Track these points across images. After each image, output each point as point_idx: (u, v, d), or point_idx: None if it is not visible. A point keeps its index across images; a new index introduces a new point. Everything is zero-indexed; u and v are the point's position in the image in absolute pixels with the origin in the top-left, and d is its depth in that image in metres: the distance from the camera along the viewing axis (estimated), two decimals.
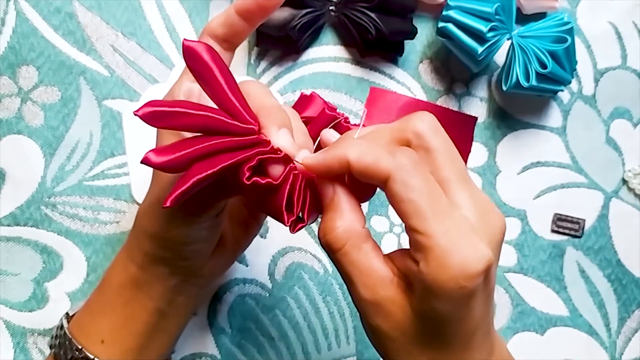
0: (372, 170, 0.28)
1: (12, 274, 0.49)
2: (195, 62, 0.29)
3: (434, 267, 0.27)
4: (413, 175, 0.28)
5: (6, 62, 0.49)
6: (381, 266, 0.30)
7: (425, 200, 0.27)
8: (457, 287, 0.27)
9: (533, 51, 0.47)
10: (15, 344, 0.49)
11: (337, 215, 0.30)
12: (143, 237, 0.36)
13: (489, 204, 0.30)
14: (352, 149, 0.29)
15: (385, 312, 0.29)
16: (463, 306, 0.28)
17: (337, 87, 0.51)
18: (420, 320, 0.29)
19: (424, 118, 0.30)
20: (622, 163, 0.52)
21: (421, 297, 0.28)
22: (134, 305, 0.38)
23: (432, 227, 0.27)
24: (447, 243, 0.27)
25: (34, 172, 0.49)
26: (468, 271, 0.27)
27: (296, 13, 0.47)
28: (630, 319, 0.52)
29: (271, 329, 0.50)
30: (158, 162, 0.27)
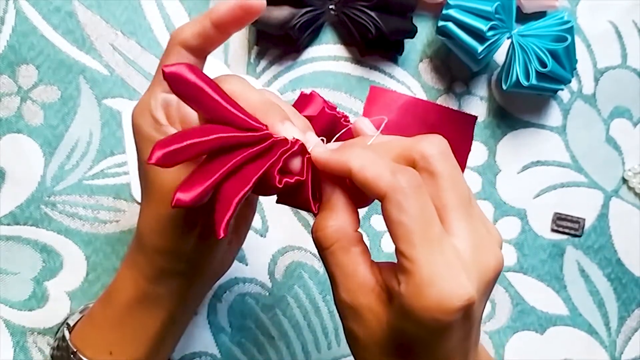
0: (370, 185, 0.28)
1: (12, 273, 0.49)
2: (183, 86, 0.28)
3: (412, 294, 0.27)
4: (409, 199, 0.27)
5: (6, 61, 0.49)
6: (365, 273, 0.30)
7: (417, 226, 0.27)
8: (430, 319, 0.27)
9: (533, 50, 0.47)
10: (15, 343, 0.49)
11: (331, 214, 0.30)
12: (154, 253, 0.35)
13: (489, 240, 0.29)
14: (356, 159, 0.29)
15: (361, 318, 0.29)
16: (435, 336, 0.28)
17: (337, 86, 0.51)
18: (393, 336, 0.29)
19: (434, 141, 0.30)
20: (622, 162, 0.52)
21: (397, 315, 0.28)
22: (146, 317, 0.37)
23: (417, 255, 0.27)
24: (430, 273, 0.26)
25: (33, 171, 0.49)
26: (444, 305, 0.26)
27: (296, 12, 0.47)
28: (630, 318, 0.52)
29: (271, 328, 0.50)
30: (189, 199, 0.27)
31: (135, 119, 0.33)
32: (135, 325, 0.37)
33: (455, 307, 0.26)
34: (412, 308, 0.27)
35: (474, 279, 0.28)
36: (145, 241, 0.35)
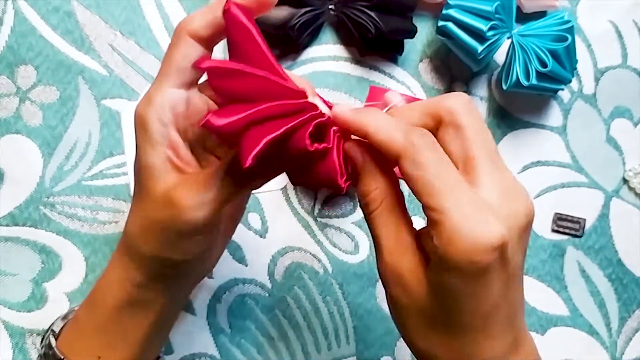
0: (385, 147, 0.29)
1: (11, 274, 0.49)
2: (237, 29, 0.28)
3: (445, 242, 0.27)
4: (422, 153, 0.28)
5: (4, 62, 0.49)
6: (409, 234, 0.31)
7: (434, 176, 0.28)
8: (467, 261, 0.27)
9: (533, 50, 0.47)
10: (14, 345, 0.49)
11: (373, 177, 0.31)
12: (141, 259, 0.35)
13: (517, 189, 0.30)
14: (371, 122, 0.30)
15: (404, 282, 0.30)
16: (475, 282, 0.28)
17: (336, 86, 0.51)
18: (435, 295, 0.29)
19: (459, 97, 0.30)
20: (622, 162, 0.52)
21: (435, 270, 0.29)
22: (134, 320, 0.36)
23: (442, 203, 0.27)
24: (458, 218, 0.27)
25: (32, 172, 0.49)
26: (479, 245, 0.27)
27: (296, 12, 0.47)
28: (631, 318, 0.52)
29: (271, 329, 0.50)
30: (221, 124, 0.26)
31: (138, 114, 0.32)
32: (124, 329, 0.36)
33: (490, 245, 0.27)
34: (448, 257, 0.27)
35: (503, 222, 0.28)
36: (133, 246, 0.34)
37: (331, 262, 0.51)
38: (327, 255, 0.51)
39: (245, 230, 0.50)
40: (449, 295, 0.29)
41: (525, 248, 0.30)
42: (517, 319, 0.30)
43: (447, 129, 0.30)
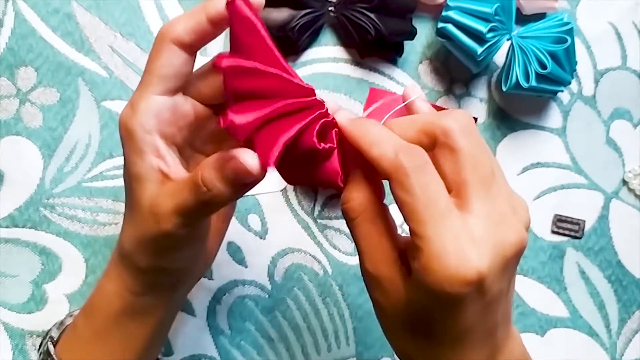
0: (376, 164, 0.29)
1: (11, 276, 0.49)
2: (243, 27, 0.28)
3: (422, 269, 0.27)
4: (410, 178, 0.28)
5: (5, 63, 0.49)
6: (389, 245, 0.31)
7: (420, 204, 0.28)
8: (441, 292, 0.27)
9: (533, 52, 0.47)
10: (14, 346, 0.49)
11: (357, 186, 0.31)
12: (136, 269, 0.35)
13: (510, 217, 0.29)
14: (366, 136, 0.30)
15: (384, 289, 0.30)
16: (450, 308, 0.28)
17: (336, 87, 0.51)
18: (412, 309, 0.30)
19: (456, 116, 0.30)
20: (622, 164, 0.52)
21: (414, 289, 0.29)
22: (133, 328, 0.37)
23: (424, 231, 0.27)
24: (438, 248, 0.27)
25: (32, 174, 0.49)
26: (453, 279, 0.27)
27: (295, 14, 0.47)
28: (631, 320, 0.52)
29: (271, 330, 0.50)
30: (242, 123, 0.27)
31: (123, 124, 0.32)
32: (123, 336, 0.37)
33: (463, 280, 0.27)
34: (424, 282, 0.28)
35: (486, 254, 0.28)
36: (129, 258, 0.34)
37: (331, 263, 0.51)
38: (327, 256, 0.51)
39: (245, 232, 0.50)
40: (425, 312, 0.29)
41: (513, 274, 0.30)
42: (497, 331, 0.30)
43: (442, 149, 0.29)
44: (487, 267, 0.27)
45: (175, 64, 0.31)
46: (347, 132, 0.31)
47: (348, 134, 0.31)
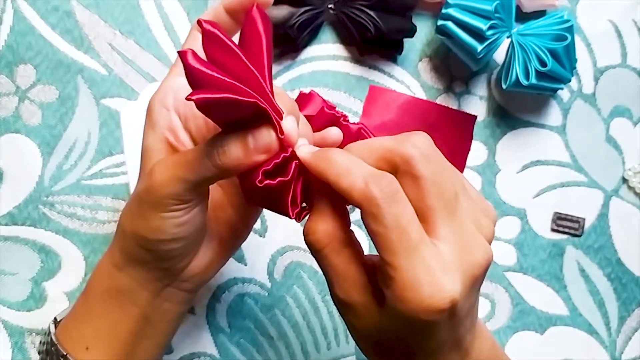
0: (345, 195, 0.29)
1: (10, 274, 0.49)
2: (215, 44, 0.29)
3: (396, 298, 0.28)
4: (382, 209, 0.28)
5: (4, 61, 0.49)
6: (357, 272, 0.30)
7: (393, 235, 0.28)
8: (416, 320, 0.28)
9: (533, 49, 0.47)
10: (14, 344, 0.49)
11: (321, 217, 0.31)
12: (122, 237, 0.36)
13: (475, 237, 0.30)
14: (332, 168, 0.29)
15: (356, 313, 0.31)
16: (423, 335, 0.29)
17: (336, 85, 0.51)
18: (385, 332, 0.30)
19: (416, 143, 0.29)
20: (622, 162, 0.52)
21: (387, 314, 0.29)
22: (118, 311, 0.37)
23: (397, 262, 0.28)
24: (410, 279, 0.27)
25: (31, 171, 0.49)
26: (427, 308, 0.27)
27: (295, 11, 0.47)
28: (630, 317, 0.52)
29: (270, 328, 0.50)
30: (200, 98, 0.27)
31: (149, 101, 0.35)
32: (109, 319, 0.37)
33: (438, 308, 0.27)
34: (398, 310, 0.28)
35: (457, 279, 0.28)
36: (120, 225, 0.36)
37: None
38: None
39: None
40: (398, 335, 0.30)
41: (479, 289, 0.31)
42: (465, 337, 0.31)
43: (404, 177, 0.29)
44: (459, 293, 0.28)
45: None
46: (312, 166, 0.30)
47: (313, 168, 0.30)
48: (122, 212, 0.36)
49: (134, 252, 0.35)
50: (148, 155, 0.34)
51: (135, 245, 0.35)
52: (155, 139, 0.34)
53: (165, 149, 0.34)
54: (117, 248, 0.36)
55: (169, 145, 0.34)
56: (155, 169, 0.32)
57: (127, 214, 0.35)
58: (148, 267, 0.36)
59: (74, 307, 0.39)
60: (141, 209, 0.34)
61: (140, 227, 0.34)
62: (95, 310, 0.37)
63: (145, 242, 0.35)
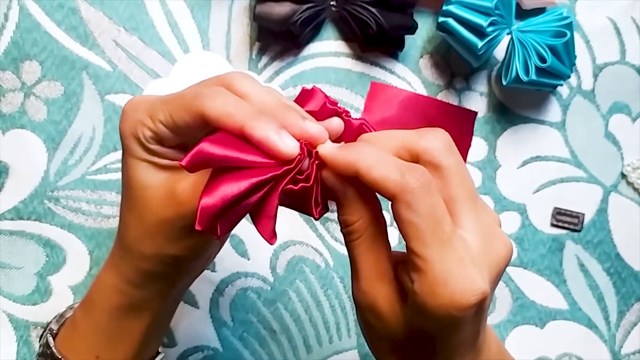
0: (379, 186, 0.28)
1: (16, 268, 0.49)
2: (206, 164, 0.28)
3: (426, 292, 0.27)
4: (419, 198, 0.27)
5: (9, 57, 0.49)
6: (387, 263, 0.30)
7: (428, 225, 0.27)
8: (445, 316, 0.27)
9: (532, 46, 0.47)
10: (19, 337, 0.49)
11: (356, 206, 0.30)
12: (140, 260, 0.35)
13: (496, 229, 0.30)
14: (364, 160, 0.28)
15: (378, 309, 0.30)
16: (449, 331, 0.28)
17: (338, 81, 0.51)
18: (407, 329, 0.29)
19: (438, 135, 0.30)
20: (621, 157, 0.53)
21: (411, 310, 0.29)
22: (131, 320, 0.37)
23: (429, 253, 0.27)
24: (442, 272, 0.27)
25: (37, 166, 0.49)
26: (459, 303, 0.27)
27: (297, 8, 0.48)
28: (629, 312, 0.53)
29: (273, 322, 0.51)
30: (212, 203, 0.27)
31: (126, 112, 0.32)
32: (121, 329, 0.37)
33: (470, 303, 0.27)
34: (426, 306, 0.27)
35: (485, 272, 0.28)
36: (132, 248, 0.34)
37: (332, 255, 0.51)
38: (329, 248, 0.51)
39: (247, 224, 0.50)
40: (420, 335, 0.29)
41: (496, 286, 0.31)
42: (480, 334, 0.31)
43: (427, 167, 0.29)
44: (488, 287, 0.28)
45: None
46: (339, 161, 0.29)
47: (339, 162, 0.29)
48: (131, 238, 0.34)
49: (157, 271, 0.35)
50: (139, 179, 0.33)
51: (160, 265, 0.35)
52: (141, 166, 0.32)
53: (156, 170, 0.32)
54: (130, 267, 0.35)
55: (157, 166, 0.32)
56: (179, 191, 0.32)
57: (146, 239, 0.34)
58: (169, 279, 0.36)
59: (74, 321, 0.38)
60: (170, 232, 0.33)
61: (169, 249, 0.34)
62: (104, 324, 0.37)
63: (173, 259, 0.34)
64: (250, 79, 0.32)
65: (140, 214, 0.33)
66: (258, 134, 0.28)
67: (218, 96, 0.29)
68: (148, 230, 0.33)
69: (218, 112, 0.29)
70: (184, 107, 0.30)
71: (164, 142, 0.32)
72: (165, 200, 0.32)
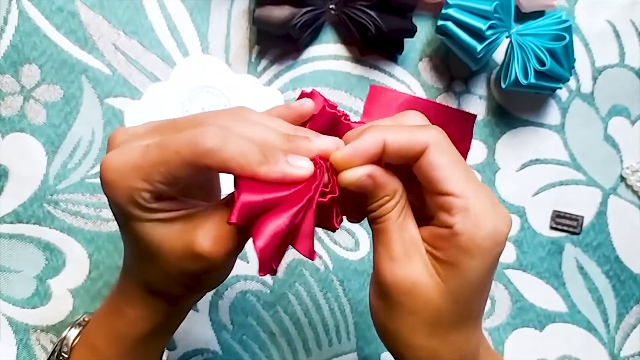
0: (408, 145, 0.30)
1: (15, 271, 0.49)
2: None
3: (471, 227, 0.29)
4: (448, 145, 0.30)
5: (9, 61, 0.49)
6: (419, 240, 0.31)
7: (461, 166, 0.30)
8: (492, 244, 0.29)
9: (532, 49, 0.47)
10: (18, 341, 0.49)
11: (388, 183, 0.31)
12: (171, 298, 0.34)
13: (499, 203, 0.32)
14: (388, 132, 0.30)
15: (416, 285, 0.31)
16: (490, 270, 0.30)
17: (337, 85, 0.51)
18: (447, 293, 0.30)
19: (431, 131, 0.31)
20: (620, 160, 0.53)
21: (453, 261, 0.30)
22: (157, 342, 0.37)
23: (470, 191, 0.29)
24: (482, 205, 0.29)
25: (36, 170, 0.49)
26: (500, 232, 0.29)
27: (296, 11, 0.48)
28: (629, 314, 0.53)
29: (272, 325, 0.51)
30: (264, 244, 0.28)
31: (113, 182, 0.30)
32: (145, 352, 0.37)
33: (506, 233, 0.30)
34: (474, 240, 0.29)
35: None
36: (160, 291, 0.34)
37: (332, 258, 0.51)
38: (328, 252, 0.51)
39: None
40: (463, 287, 0.30)
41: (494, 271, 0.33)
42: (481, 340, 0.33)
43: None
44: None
45: None
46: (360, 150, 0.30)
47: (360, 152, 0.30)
48: (157, 283, 0.33)
49: (188, 300, 0.36)
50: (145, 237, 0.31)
51: (192, 295, 0.35)
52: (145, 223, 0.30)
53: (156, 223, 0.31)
54: (160, 302, 0.34)
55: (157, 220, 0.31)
56: (199, 246, 0.30)
57: (172, 284, 0.33)
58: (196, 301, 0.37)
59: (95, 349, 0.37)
60: (200, 278, 0.32)
61: (200, 286, 0.34)
62: (134, 350, 0.36)
63: (203, 288, 0.35)
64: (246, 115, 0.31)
65: (163, 268, 0.32)
66: (273, 176, 0.29)
67: (224, 148, 0.28)
68: (177, 279, 0.32)
69: (227, 166, 0.28)
70: (188, 163, 0.28)
71: (162, 195, 0.30)
72: (187, 255, 0.31)
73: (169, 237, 0.31)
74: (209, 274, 0.33)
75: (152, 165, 0.29)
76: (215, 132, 0.28)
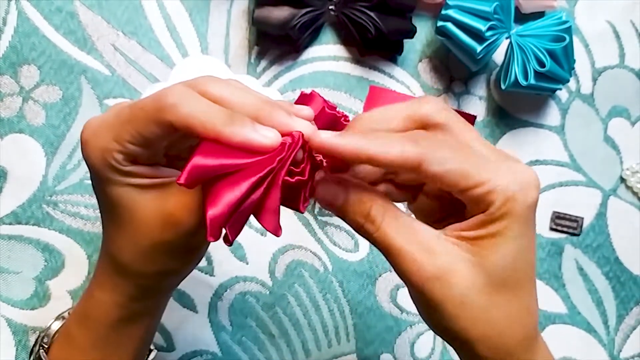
0: (399, 163, 0.28)
1: (14, 272, 0.49)
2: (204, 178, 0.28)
3: (505, 201, 0.28)
4: (439, 150, 0.29)
5: (8, 62, 0.49)
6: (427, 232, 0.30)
7: (463, 161, 0.29)
8: (528, 199, 0.28)
9: (531, 50, 0.47)
10: (17, 342, 0.49)
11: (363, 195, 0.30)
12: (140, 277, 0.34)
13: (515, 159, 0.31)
14: (374, 145, 0.28)
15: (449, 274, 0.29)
16: (529, 223, 0.29)
17: (336, 86, 0.51)
18: (487, 268, 0.29)
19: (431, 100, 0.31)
20: (620, 161, 0.53)
21: (495, 231, 0.29)
22: (131, 329, 0.36)
23: (483, 176, 0.28)
24: (503, 176, 0.28)
25: (35, 171, 0.49)
26: (530, 182, 0.29)
27: (296, 12, 0.48)
28: (629, 316, 0.53)
29: (271, 326, 0.51)
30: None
31: (87, 141, 0.31)
32: (122, 338, 0.36)
33: (537, 180, 0.29)
34: (513, 207, 0.28)
35: None
36: (129, 267, 0.33)
37: (331, 260, 0.51)
38: (327, 253, 0.51)
39: (246, 229, 0.50)
40: (507, 253, 0.29)
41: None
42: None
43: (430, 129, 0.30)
44: None
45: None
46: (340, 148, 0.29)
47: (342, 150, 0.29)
48: (124, 258, 0.33)
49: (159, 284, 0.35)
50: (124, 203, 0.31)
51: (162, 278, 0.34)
52: (122, 188, 0.31)
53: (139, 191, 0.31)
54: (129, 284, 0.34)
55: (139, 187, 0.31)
56: (176, 215, 0.30)
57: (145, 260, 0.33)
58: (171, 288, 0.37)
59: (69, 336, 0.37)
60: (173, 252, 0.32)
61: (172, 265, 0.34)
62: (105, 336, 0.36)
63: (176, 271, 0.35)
64: (223, 82, 0.30)
65: (133, 237, 0.32)
66: (236, 139, 0.28)
67: (186, 104, 0.28)
68: (145, 252, 0.32)
69: (189, 123, 0.28)
70: (152, 120, 0.28)
71: (137, 159, 0.30)
72: (160, 222, 0.31)
73: (143, 203, 0.31)
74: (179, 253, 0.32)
75: (122, 123, 0.29)
76: (179, 89, 0.28)
